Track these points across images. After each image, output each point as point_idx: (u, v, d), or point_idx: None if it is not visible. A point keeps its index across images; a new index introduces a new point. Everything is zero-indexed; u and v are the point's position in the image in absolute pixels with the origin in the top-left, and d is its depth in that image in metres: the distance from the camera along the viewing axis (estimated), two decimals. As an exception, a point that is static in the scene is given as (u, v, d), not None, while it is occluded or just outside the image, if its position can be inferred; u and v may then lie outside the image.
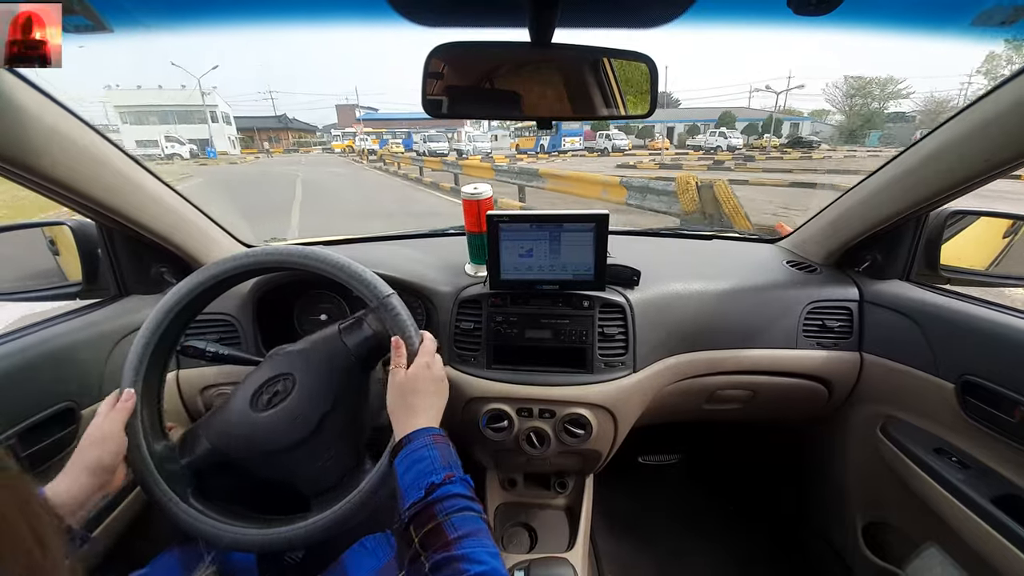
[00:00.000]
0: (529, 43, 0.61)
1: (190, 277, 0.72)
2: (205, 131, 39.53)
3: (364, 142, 33.07)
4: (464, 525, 0.50)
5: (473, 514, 0.52)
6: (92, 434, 0.62)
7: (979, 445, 0.81)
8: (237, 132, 49.79)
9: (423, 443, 0.59)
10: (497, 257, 0.91)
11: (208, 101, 40.27)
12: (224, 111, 44.84)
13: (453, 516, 0.51)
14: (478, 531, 0.50)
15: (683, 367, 1.02)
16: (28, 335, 0.80)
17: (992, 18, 0.63)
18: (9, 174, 0.65)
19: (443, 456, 0.58)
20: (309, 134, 63.42)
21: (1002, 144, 0.68)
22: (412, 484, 0.55)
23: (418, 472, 0.55)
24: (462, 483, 0.55)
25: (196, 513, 0.65)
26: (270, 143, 51.50)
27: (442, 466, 0.56)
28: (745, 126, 38.58)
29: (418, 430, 0.60)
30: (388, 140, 34.81)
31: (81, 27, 0.58)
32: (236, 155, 38.41)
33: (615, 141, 28.85)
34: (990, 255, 1.02)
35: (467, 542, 0.48)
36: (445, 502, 0.52)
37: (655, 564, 1.33)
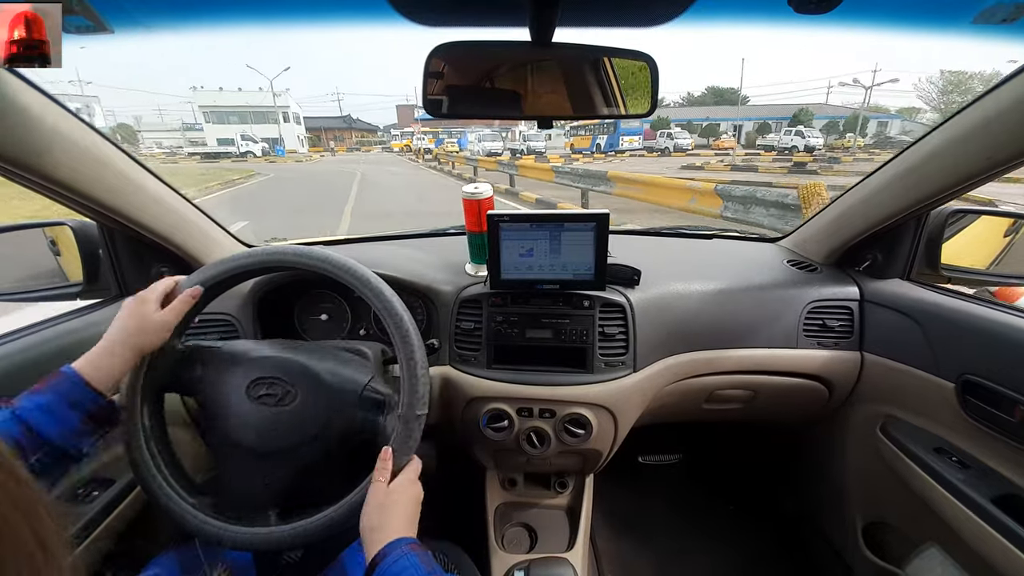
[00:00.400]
0: (529, 42, 0.61)
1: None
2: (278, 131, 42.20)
3: (421, 141, 33.38)
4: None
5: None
6: (147, 318, 0.63)
7: (979, 445, 0.81)
8: (306, 132, 52.85)
9: (401, 553, 0.54)
10: (497, 257, 0.91)
11: (281, 102, 43.00)
12: (295, 111, 47.41)
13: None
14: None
15: (683, 367, 1.02)
16: (29, 335, 0.80)
17: (993, 16, 0.63)
18: (11, 175, 0.65)
19: (424, 561, 0.54)
20: (371, 134, 66.18)
21: (1003, 142, 0.68)
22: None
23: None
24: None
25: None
26: (335, 142, 53.99)
27: (427, 572, 0.52)
28: (824, 124, 36.04)
29: (393, 542, 0.55)
30: (444, 139, 34.79)
31: (81, 27, 0.58)
32: (303, 153, 40.58)
33: (678, 140, 26.81)
34: (991, 254, 1.02)
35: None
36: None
37: (655, 564, 1.33)
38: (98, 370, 0.58)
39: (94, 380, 0.57)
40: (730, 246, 1.33)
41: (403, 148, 39.63)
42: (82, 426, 0.55)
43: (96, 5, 0.57)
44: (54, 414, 0.53)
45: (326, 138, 57.12)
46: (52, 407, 0.53)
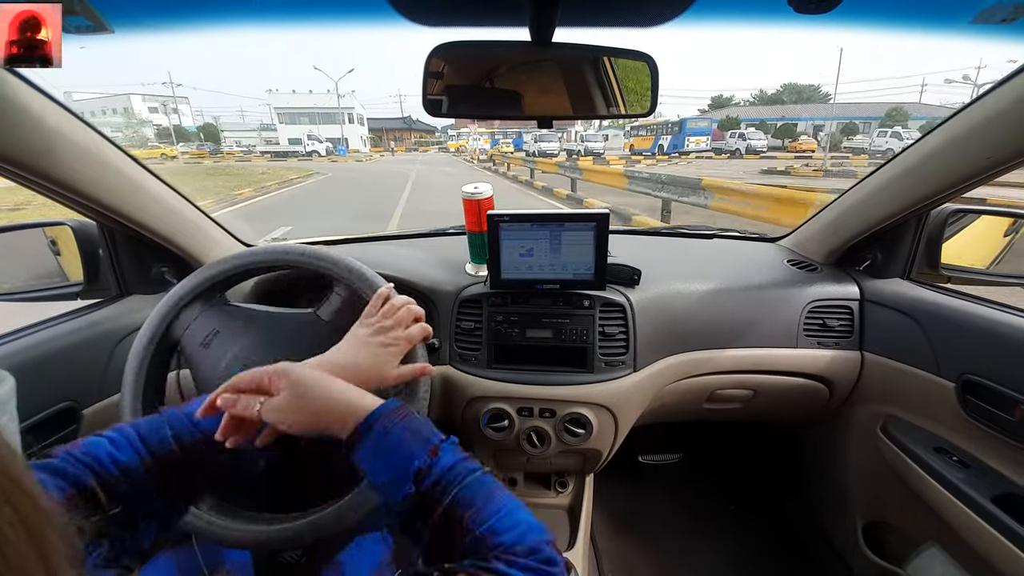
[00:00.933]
0: (529, 42, 0.61)
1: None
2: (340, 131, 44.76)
3: (476, 142, 33.88)
4: (476, 492, 0.42)
5: (478, 473, 0.44)
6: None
7: (979, 444, 0.81)
8: (368, 132, 55.88)
9: (380, 431, 0.46)
10: (498, 256, 0.91)
11: (346, 103, 45.81)
12: (359, 113, 50.33)
13: (462, 491, 0.42)
14: (493, 492, 0.42)
15: (684, 366, 1.02)
16: (30, 335, 0.80)
17: (993, 16, 0.63)
18: (11, 175, 0.65)
19: (413, 431, 0.46)
20: (429, 135, 68.71)
21: (1003, 142, 0.68)
22: (393, 480, 0.44)
23: (398, 468, 0.44)
24: (451, 448, 0.46)
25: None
26: (395, 143, 56.80)
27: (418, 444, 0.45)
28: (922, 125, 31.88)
29: (369, 415, 0.47)
30: (499, 140, 34.84)
31: (82, 27, 0.58)
32: (365, 153, 42.44)
33: (751, 141, 24.72)
34: (991, 254, 1.02)
35: (487, 511, 0.41)
36: (445, 477, 0.43)
37: (655, 563, 1.33)
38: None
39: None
40: (730, 246, 1.33)
41: (458, 149, 40.01)
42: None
43: (97, 5, 0.57)
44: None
45: (387, 138, 59.54)
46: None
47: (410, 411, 0.48)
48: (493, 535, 0.39)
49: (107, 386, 0.85)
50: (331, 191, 12.51)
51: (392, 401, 0.49)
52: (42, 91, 0.63)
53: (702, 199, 5.09)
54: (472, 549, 0.40)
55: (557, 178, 10.60)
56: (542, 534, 0.41)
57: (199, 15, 0.66)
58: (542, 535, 0.41)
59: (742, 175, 12.92)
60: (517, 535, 0.40)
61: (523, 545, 0.40)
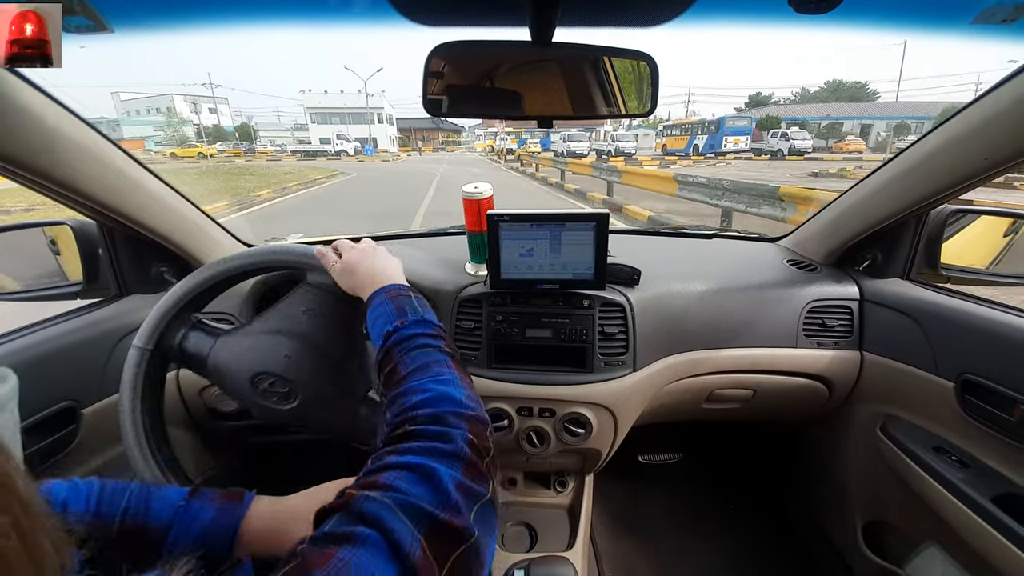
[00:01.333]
0: (530, 42, 0.61)
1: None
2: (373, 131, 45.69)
3: (503, 142, 33.23)
4: (415, 361, 0.50)
5: (429, 349, 0.51)
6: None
7: (979, 444, 0.82)
8: (397, 132, 56.78)
9: (380, 300, 0.59)
10: (497, 256, 0.91)
11: (376, 103, 46.42)
12: (388, 113, 50.95)
13: (406, 356, 0.50)
14: (429, 363, 0.49)
15: (683, 366, 1.02)
16: (29, 334, 0.80)
17: (993, 16, 0.63)
18: (10, 174, 0.65)
19: (398, 307, 0.57)
20: (456, 134, 69.78)
21: (1002, 142, 0.68)
22: (375, 339, 0.56)
23: (379, 328, 0.56)
24: (418, 324, 0.55)
25: None
26: (423, 142, 57.31)
27: (396, 315, 0.56)
28: None
29: (377, 290, 0.60)
30: (527, 139, 34.07)
31: (82, 27, 0.58)
32: (392, 153, 42.58)
33: (794, 141, 22.38)
34: (990, 254, 1.02)
35: (414, 375, 0.48)
36: (400, 344, 0.52)
37: (655, 563, 1.33)
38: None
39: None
40: (730, 246, 1.33)
41: (485, 149, 39.76)
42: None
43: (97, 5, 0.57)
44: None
45: (415, 138, 59.80)
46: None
47: (408, 293, 0.60)
48: (409, 394, 0.45)
49: (106, 385, 0.85)
50: (354, 192, 12.20)
51: (393, 285, 0.61)
52: (42, 91, 0.63)
53: (778, 211, 4.07)
54: (392, 401, 0.46)
55: (590, 181, 9.67)
56: (452, 406, 0.43)
57: (199, 15, 0.66)
58: (451, 407, 0.43)
59: (790, 178, 11.86)
60: (426, 398, 0.44)
61: (425, 411, 0.42)
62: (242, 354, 0.69)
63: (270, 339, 0.69)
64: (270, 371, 0.69)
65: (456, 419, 0.42)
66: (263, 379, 0.69)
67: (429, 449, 0.38)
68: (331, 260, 0.66)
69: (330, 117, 46.00)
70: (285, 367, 0.68)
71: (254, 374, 0.68)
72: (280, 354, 0.68)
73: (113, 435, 0.69)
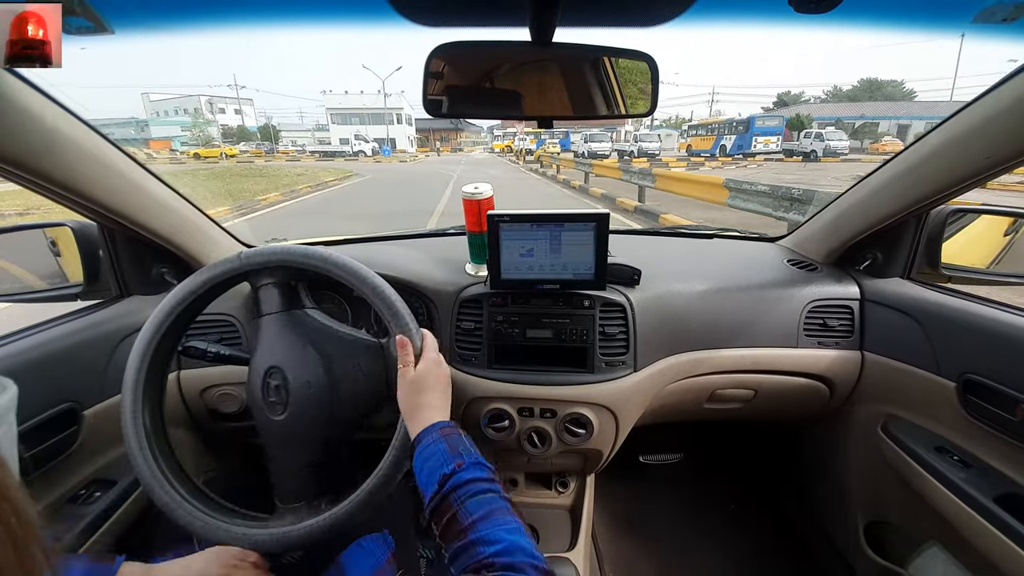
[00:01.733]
0: (530, 42, 0.61)
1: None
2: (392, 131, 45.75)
3: (522, 142, 31.93)
4: (479, 509, 0.49)
5: (490, 495, 0.52)
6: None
7: (980, 443, 0.81)
8: (416, 133, 56.34)
9: (432, 439, 0.59)
10: (498, 257, 0.91)
11: (395, 104, 46.35)
12: (408, 113, 50.53)
13: (467, 502, 0.50)
14: (493, 511, 0.49)
15: (684, 366, 1.02)
16: (30, 336, 0.80)
17: (993, 16, 0.63)
18: (10, 175, 0.65)
19: (451, 446, 0.57)
20: (475, 134, 69.69)
21: (1003, 141, 0.68)
22: (427, 481, 0.55)
23: (431, 469, 0.56)
24: (475, 467, 0.55)
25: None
26: (441, 143, 56.92)
27: (451, 456, 0.56)
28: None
29: (427, 428, 0.61)
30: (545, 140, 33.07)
31: (82, 28, 0.58)
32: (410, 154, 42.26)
33: (829, 142, 20.32)
34: (991, 253, 1.02)
35: (481, 525, 0.48)
36: (459, 490, 0.52)
37: (657, 563, 1.33)
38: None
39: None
40: (730, 245, 1.32)
41: (504, 149, 38.98)
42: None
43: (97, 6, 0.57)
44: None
45: (433, 139, 59.42)
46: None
47: (458, 431, 0.61)
48: (480, 544, 0.46)
49: (108, 387, 0.85)
50: (367, 195, 11.79)
51: (446, 423, 0.62)
52: (42, 91, 0.63)
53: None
54: (460, 553, 0.46)
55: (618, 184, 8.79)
56: (528, 557, 0.45)
57: (202, 16, 0.66)
58: (526, 558, 0.45)
59: (832, 182, 10.74)
60: (500, 548, 0.45)
61: (502, 560, 0.44)
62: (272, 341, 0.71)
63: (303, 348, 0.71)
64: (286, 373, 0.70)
65: (532, 569, 0.43)
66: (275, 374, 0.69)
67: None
68: (408, 357, 0.66)
69: (350, 118, 46.03)
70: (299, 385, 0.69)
71: (271, 366, 0.70)
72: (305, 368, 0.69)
73: (114, 436, 0.69)
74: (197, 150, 33.73)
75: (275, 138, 50.46)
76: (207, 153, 32.49)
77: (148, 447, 0.67)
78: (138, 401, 0.67)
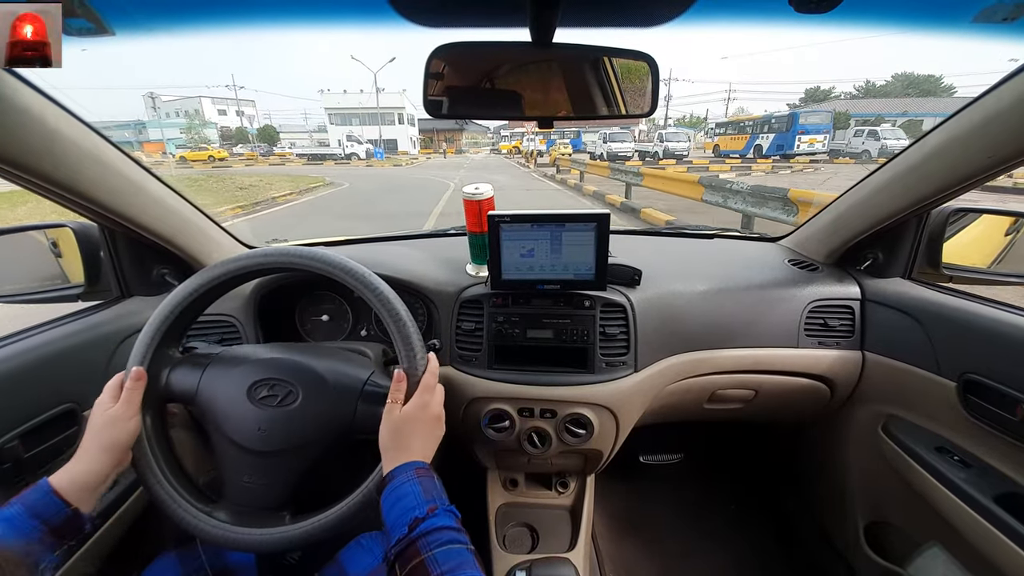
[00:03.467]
0: (530, 43, 0.61)
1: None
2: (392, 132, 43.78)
3: (532, 143, 29.95)
4: (448, 560, 0.49)
5: (458, 546, 0.51)
6: (106, 415, 0.62)
7: (981, 443, 0.81)
8: (419, 133, 53.38)
9: (405, 479, 0.58)
10: (498, 257, 0.91)
11: (397, 103, 43.98)
12: (410, 113, 47.51)
13: (436, 551, 0.50)
14: (461, 565, 0.49)
15: (684, 367, 1.02)
16: (30, 337, 0.80)
17: (993, 15, 0.63)
18: (11, 176, 0.65)
19: (425, 490, 0.57)
20: (481, 135, 67.22)
21: (1004, 141, 0.68)
22: (396, 521, 0.54)
23: (401, 509, 0.55)
24: (446, 515, 0.54)
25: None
26: (447, 143, 54.90)
27: (424, 500, 0.55)
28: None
29: (401, 466, 0.60)
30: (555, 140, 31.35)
31: (82, 29, 0.58)
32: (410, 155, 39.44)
33: (887, 141, 17.42)
34: (992, 253, 1.02)
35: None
36: (428, 536, 0.52)
37: (657, 564, 1.33)
38: (73, 479, 0.57)
39: (67, 489, 0.56)
40: (731, 245, 1.32)
41: (511, 150, 37.21)
42: (44, 538, 0.53)
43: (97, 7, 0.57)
44: (16, 526, 0.52)
45: (438, 140, 57.45)
46: (15, 519, 0.52)
47: (431, 475, 0.59)
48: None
49: None
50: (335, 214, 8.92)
51: (421, 463, 0.60)
52: (42, 92, 0.63)
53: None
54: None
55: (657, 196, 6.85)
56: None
57: (202, 17, 0.66)
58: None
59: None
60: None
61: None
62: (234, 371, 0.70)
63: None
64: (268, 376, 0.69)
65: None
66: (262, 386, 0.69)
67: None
68: (399, 395, 0.65)
69: (351, 119, 44.50)
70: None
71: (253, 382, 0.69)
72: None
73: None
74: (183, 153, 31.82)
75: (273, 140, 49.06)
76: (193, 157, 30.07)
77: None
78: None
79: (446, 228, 1.43)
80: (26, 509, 0.53)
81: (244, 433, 0.67)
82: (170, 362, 0.70)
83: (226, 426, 0.67)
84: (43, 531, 0.53)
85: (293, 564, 0.91)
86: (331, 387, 0.70)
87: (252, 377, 0.69)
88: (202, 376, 0.69)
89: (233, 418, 0.68)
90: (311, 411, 0.68)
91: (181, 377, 0.70)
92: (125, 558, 0.81)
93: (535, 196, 10.64)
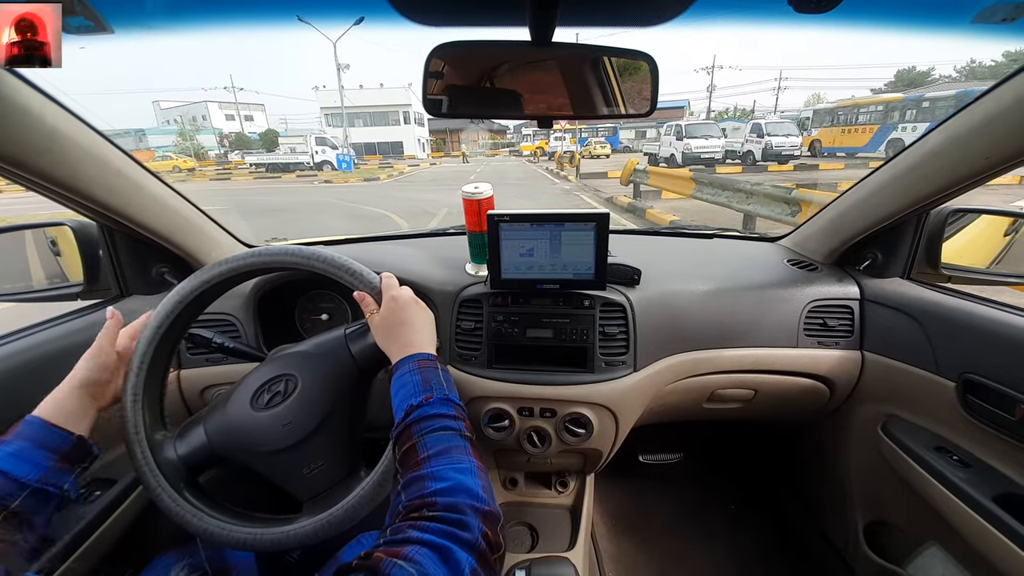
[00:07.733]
0: (529, 42, 0.61)
1: (192, 277, 0.72)
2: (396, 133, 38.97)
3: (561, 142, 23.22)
4: (436, 444, 0.51)
5: (450, 432, 0.53)
6: (82, 356, 0.64)
7: (980, 443, 0.81)
8: (429, 134, 47.17)
9: (407, 369, 0.60)
10: (498, 256, 0.91)
11: (402, 100, 38.56)
12: (418, 111, 39.61)
13: (427, 436, 0.52)
14: (450, 449, 0.51)
15: (684, 366, 1.02)
16: (30, 336, 0.80)
17: (993, 15, 0.63)
18: (10, 174, 0.65)
19: (424, 380, 0.59)
20: (500, 135, 58.25)
21: (1003, 141, 0.68)
22: (397, 408, 0.58)
23: (402, 397, 0.58)
24: (442, 403, 0.56)
25: (193, 509, 0.65)
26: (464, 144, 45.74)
27: (422, 389, 0.57)
28: None
29: (405, 358, 0.62)
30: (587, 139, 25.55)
31: (82, 28, 0.58)
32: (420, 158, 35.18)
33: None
34: (991, 253, 1.02)
35: (435, 461, 0.49)
36: (421, 423, 0.54)
37: (656, 563, 1.33)
38: (51, 415, 0.58)
39: (59, 420, 0.57)
40: (730, 245, 1.32)
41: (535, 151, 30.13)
42: (57, 465, 0.54)
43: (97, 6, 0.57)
44: (25, 458, 0.53)
45: (451, 140, 50.72)
46: (21, 452, 0.53)
47: (435, 365, 0.62)
48: (429, 479, 0.47)
49: None
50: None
51: (424, 355, 0.63)
52: (42, 91, 0.64)
53: None
54: (411, 483, 0.47)
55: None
56: (470, 499, 0.45)
57: (202, 16, 0.66)
58: (469, 499, 0.45)
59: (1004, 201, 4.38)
60: (445, 487, 0.46)
61: (444, 499, 0.45)
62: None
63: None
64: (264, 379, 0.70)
65: (472, 511, 0.44)
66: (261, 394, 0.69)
67: (449, 533, 0.41)
68: (371, 306, 0.67)
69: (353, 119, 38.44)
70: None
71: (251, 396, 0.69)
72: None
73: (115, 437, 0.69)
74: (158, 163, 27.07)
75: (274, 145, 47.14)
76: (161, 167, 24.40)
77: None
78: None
79: (445, 228, 1.43)
80: (28, 442, 0.54)
81: (275, 438, 0.68)
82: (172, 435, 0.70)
83: (258, 445, 0.68)
84: (53, 459, 0.54)
85: (293, 563, 0.91)
86: (320, 355, 0.72)
87: (246, 394, 0.70)
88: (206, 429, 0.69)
89: (257, 434, 0.68)
90: (318, 384, 0.70)
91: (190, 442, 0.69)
92: (125, 558, 0.81)
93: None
